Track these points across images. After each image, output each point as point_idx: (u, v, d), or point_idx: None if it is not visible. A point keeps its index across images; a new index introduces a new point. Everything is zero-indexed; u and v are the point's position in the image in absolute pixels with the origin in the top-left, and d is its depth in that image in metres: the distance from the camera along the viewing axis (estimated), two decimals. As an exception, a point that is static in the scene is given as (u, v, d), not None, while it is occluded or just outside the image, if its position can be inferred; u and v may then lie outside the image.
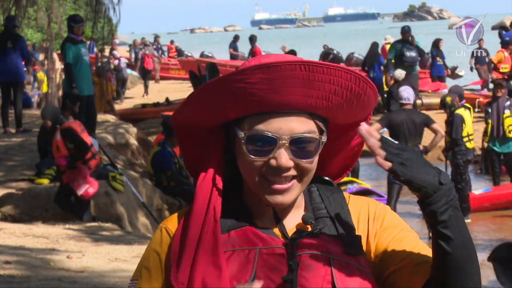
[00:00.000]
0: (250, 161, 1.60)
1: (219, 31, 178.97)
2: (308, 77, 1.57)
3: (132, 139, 14.11)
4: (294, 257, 1.57)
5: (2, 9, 16.76)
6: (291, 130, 1.59)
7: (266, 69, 1.57)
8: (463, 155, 10.80)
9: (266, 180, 1.60)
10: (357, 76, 1.61)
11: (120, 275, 6.15)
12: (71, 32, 11.38)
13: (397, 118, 9.64)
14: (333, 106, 1.61)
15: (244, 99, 1.59)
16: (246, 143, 1.60)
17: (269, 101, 1.58)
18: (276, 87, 1.57)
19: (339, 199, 1.71)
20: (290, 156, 1.58)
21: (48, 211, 8.53)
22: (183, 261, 1.58)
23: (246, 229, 1.62)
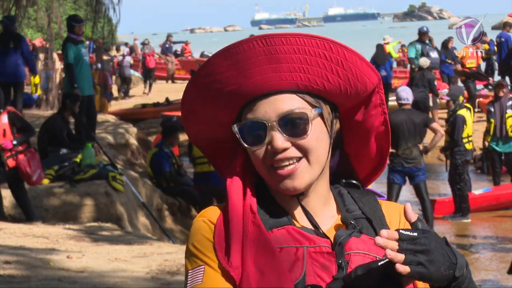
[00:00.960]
0: (251, 152, 1.58)
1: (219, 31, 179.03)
2: (269, 51, 1.53)
3: (132, 139, 14.11)
4: (342, 256, 1.56)
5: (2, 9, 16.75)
6: (276, 110, 1.55)
7: (228, 54, 1.54)
8: (462, 156, 10.80)
9: (273, 168, 1.57)
10: (324, 40, 1.56)
11: (120, 275, 6.15)
12: (72, 32, 11.37)
13: (396, 118, 9.64)
14: (315, 79, 1.56)
15: (224, 92, 1.57)
16: (241, 135, 1.58)
17: (244, 87, 1.55)
18: (243, 70, 1.54)
19: (372, 201, 1.69)
20: (284, 137, 1.55)
21: (48, 211, 8.53)
22: (232, 249, 1.55)
23: (288, 228, 1.59)
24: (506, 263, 9.18)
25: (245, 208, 1.58)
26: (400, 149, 9.69)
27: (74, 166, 9.25)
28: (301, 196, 1.62)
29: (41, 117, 14.47)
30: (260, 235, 1.55)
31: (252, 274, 1.53)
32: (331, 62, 1.56)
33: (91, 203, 8.64)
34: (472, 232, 10.75)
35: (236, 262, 1.54)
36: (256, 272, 1.52)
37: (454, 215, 11.00)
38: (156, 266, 6.42)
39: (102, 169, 9.20)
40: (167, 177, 10.65)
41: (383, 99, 1.67)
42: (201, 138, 1.71)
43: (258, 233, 1.55)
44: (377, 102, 1.66)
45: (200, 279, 1.56)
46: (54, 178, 9.00)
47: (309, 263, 1.54)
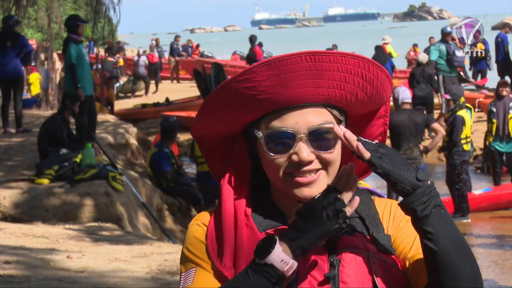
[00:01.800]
0: (272, 159, 1.60)
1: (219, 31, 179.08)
2: (315, 67, 1.57)
3: (132, 139, 14.11)
4: (335, 254, 1.58)
5: (2, 9, 16.76)
6: (307, 123, 1.59)
7: (273, 65, 1.56)
8: (460, 156, 10.81)
9: (291, 175, 1.60)
10: (365, 61, 1.61)
11: (120, 275, 6.15)
12: (74, 32, 11.38)
13: (398, 118, 9.64)
14: (346, 95, 1.61)
15: (255, 99, 1.59)
16: (266, 142, 1.60)
17: (281, 97, 1.58)
18: (285, 81, 1.57)
19: (366, 199, 1.72)
20: (311, 149, 1.58)
21: (48, 211, 8.53)
22: (225, 251, 1.58)
23: (281, 229, 1.61)
24: (506, 263, 9.19)
25: (239, 211, 1.61)
26: (402, 149, 9.69)
27: (74, 166, 9.24)
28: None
29: (41, 117, 14.48)
30: (253, 236, 1.58)
31: None
32: (364, 80, 1.61)
33: (91, 203, 8.64)
34: (472, 232, 10.75)
35: (229, 262, 1.58)
36: None
37: (454, 215, 11.00)
38: (156, 266, 6.42)
39: (102, 169, 9.20)
40: (167, 177, 10.65)
41: (387, 111, 1.73)
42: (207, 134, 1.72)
43: (251, 235, 1.58)
44: (382, 114, 1.72)
45: (191, 280, 1.61)
46: (54, 178, 9.00)
47: (301, 262, 1.55)
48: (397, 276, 1.61)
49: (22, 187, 8.86)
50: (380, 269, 1.59)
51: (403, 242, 1.66)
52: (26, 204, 8.57)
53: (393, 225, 1.68)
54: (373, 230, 1.65)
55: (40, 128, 10.44)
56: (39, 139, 10.18)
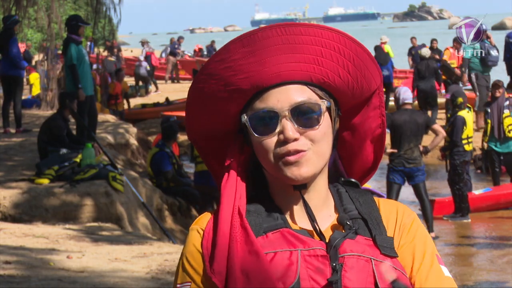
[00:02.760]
0: (259, 141, 1.57)
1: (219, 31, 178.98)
2: (287, 40, 1.53)
3: (132, 139, 14.11)
4: (337, 259, 1.55)
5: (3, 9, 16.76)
6: (289, 100, 1.55)
7: (245, 40, 1.54)
8: (460, 156, 10.81)
9: (281, 158, 1.56)
10: (341, 34, 1.56)
11: (120, 275, 6.15)
12: (74, 33, 11.39)
13: (399, 118, 9.64)
14: (327, 72, 1.56)
15: (234, 80, 1.56)
16: (251, 125, 1.58)
17: (259, 76, 1.55)
18: (260, 58, 1.54)
19: (369, 200, 1.68)
20: (295, 127, 1.55)
21: (48, 211, 8.53)
22: (216, 255, 1.55)
23: (282, 231, 1.58)
24: (506, 262, 9.18)
25: (233, 212, 1.58)
26: (402, 149, 9.68)
27: (74, 166, 9.24)
28: (303, 190, 1.61)
29: (41, 117, 14.47)
30: (247, 238, 1.55)
31: (238, 278, 1.53)
32: (343, 56, 1.57)
33: (91, 203, 8.64)
34: (472, 232, 10.75)
35: (219, 267, 1.55)
36: (242, 277, 1.53)
37: (454, 215, 11.01)
38: (156, 266, 6.42)
39: (102, 169, 9.20)
40: (168, 177, 10.64)
41: (382, 101, 1.68)
42: (200, 131, 1.69)
43: (245, 236, 1.55)
44: (377, 104, 1.67)
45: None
46: (54, 178, 9.00)
47: (303, 267, 1.54)
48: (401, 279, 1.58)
49: (22, 187, 8.86)
50: (382, 273, 1.57)
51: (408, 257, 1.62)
52: (26, 204, 8.57)
53: (399, 232, 1.65)
54: (376, 232, 1.61)
55: (40, 128, 10.44)
56: (39, 139, 10.18)
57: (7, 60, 12.76)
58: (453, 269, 9.10)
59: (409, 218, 1.67)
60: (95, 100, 12.64)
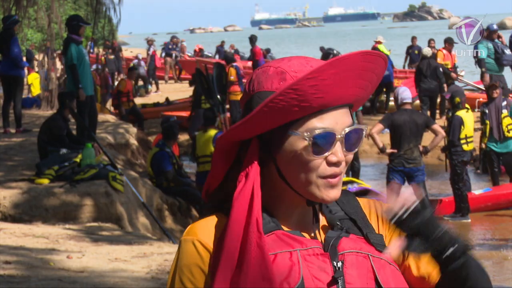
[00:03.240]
0: (309, 160, 1.57)
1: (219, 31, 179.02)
2: (362, 67, 1.58)
3: (132, 139, 14.11)
4: (337, 256, 1.58)
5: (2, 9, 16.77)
6: (344, 123, 1.59)
7: (336, 63, 1.55)
8: (459, 156, 10.82)
9: (322, 177, 1.58)
10: (382, 58, 1.61)
11: (120, 275, 6.15)
12: (75, 33, 11.40)
13: (399, 118, 9.64)
14: (365, 98, 1.64)
15: (311, 98, 1.55)
16: (311, 143, 1.57)
17: (330, 96, 1.56)
18: (340, 81, 1.55)
19: (352, 200, 1.71)
20: (343, 150, 1.59)
21: (48, 211, 8.54)
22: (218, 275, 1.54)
23: (276, 233, 1.59)
24: (506, 263, 9.19)
25: (252, 228, 1.55)
26: (402, 149, 9.69)
27: (74, 166, 9.25)
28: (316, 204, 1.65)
29: (41, 117, 14.47)
30: (262, 260, 1.53)
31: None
32: (377, 76, 1.63)
33: (91, 203, 8.64)
34: (472, 232, 10.75)
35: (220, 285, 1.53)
36: None
37: (454, 215, 11.01)
38: (156, 266, 6.43)
39: (102, 169, 9.20)
40: (168, 177, 10.65)
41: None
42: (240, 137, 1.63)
43: (260, 258, 1.53)
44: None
45: None
46: (54, 178, 9.00)
47: (305, 266, 1.55)
48: (396, 273, 1.62)
49: (22, 187, 8.86)
50: (381, 268, 1.60)
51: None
52: (26, 204, 8.58)
53: (383, 227, 1.69)
54: (366, 230, 1.65)
55: (40, 128, 10.44)
56: (39, 139, 10.18)
57: (8, 60, 12.77)
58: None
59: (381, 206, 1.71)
60: (95, 100, 12.65)
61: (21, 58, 13.17)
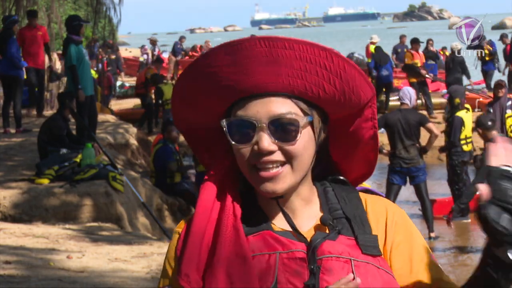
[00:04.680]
0: (237, 149, 1.57)
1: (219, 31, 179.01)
2: (271, 53, 1.53)
3: (132, 139, 14.11)
4: (315, 261, 1.54)
5: (2, 9, 16.77)
6: (268, 112, 1.55)
7: (229, 49, 1.54)
8: (459, 156, 10.81)
9: (256, 169, 1.56)
10: (327, 51, 1.55)
11: (120, 275, 6.15)
12: (76, 33, 11.41)
13: (392, 118, 9.69)
14: (311, 87, 1.55)
15: (219, 84, 1.57)
16: (229, 131, 1.57)
17: (243, 84, 1.55)
18: (244, 68, 1.54)
19: (354, 199, 1.67)
20: (272, 139, 1.54)
21: (48, 211, 8.53)
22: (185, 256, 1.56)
23: (264, 233, 1.58)
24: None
25: (227, 211, 1.57)
26: (397, 149, 9.72)
27: (74, 166, 9.24)
28: (281, 199, 1.61)
29: (41, 117, 14.47)
30: (237, 239, 1.54)
31: (221, 281, 1.52)
32: (330, 72, 1.56)
33: (91, 203, 8.64)
34: (472, 232, 10.75)
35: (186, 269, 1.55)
36: (226, 279, 1.52)
37: (455, 215, 11.00)
38: (156, 266, 6.43)
39: (102, 169, 9.20)
40: (172, 168, 10.70)
41: (375, 113, 1.68)
42: (189, 126, 1.70)
43: (235, 238, 1.55)
44: (369, 116, 1.67)
45: None
46: (54, 178, 9.00)
47: (281, 270, 1.53)
48: (383, 278, 1.57)
49: (22, 187, 8.86)
50: (363, 273, 1.55)
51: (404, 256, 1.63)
52: (26, 204, 8.58)
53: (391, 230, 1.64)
54: (358, 232, 1.60)
55: (40, 128, 10.44)
56: (39, 139, 10.18)
57: (7, 60, 12.77)
58: (453, 269, 9.11)
59: (400, 216, 1.67)
60: (95, 100, 12.65)
61: (19, 58, 13.17)
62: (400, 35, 24.79)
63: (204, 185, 1.61)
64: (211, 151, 1.69)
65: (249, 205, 1.63)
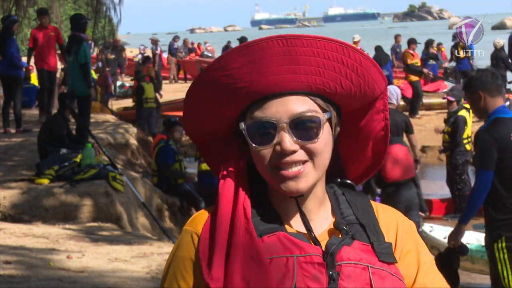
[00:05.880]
0: (257, 151, 1.56)
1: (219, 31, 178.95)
2: (289, 52, 1.52)
3: (132, 139, 14.11)
4: (334, 267, 1.53)
5: (2, 9, 16.77)
6: (288, 111, 1.54)
7: (245, 50, 1.53)
8: (462, 156, 10.80)
9: (278, 169, 1.54)
10: (344, 46, 1.55)
11: (120, 275, 6.15)
12: (83, 31, 11.49)
13: None
14: (329, 82, 1.55)
15: (234, 88, 1.55)
16: (248, 134, 1.56)
17: (258, 85, 1.54)
18: (260, 68, 1.52)
19: (365, 204, 1.66)
20: (294, 139, 1.53)
21: (48, 211, 8.53)
22: (215, 260, 1.52)
23: (278, 234, 1.56)
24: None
25: (238, 213, 1.55)
26: None
27: (74, 166, 9.24)
28: (299, 198, 1.60)
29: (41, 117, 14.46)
30: (251, 243, 1.52)
31: (238, 285, 1.50)
32: (346, 67, 1.56)
33: (91, 203, 8.63)
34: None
35: (217, 273, 1.52)
36: (243, 283, 1.50)
37: (454, 215, 11.00)
38: (156, 266, 6.42)
39: (102, 169, 9.20)
40: (172, 170, 10.69)
41: (386, 105, 1.68)
42: (199, 132, 1.68)
43: (249, 241, 1.53)
44: (381, 108, 1.67)
45: None
46: (54, 178, 9.00)
47: (299, 274, 1.52)
48: (399, 285, 1.57)
49: (22, 187, 8.86)
50: (380, 280, 1.55)
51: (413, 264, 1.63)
52: (26, 204, 8.57)
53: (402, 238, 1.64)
54: (374, 238, 1.59)
55: (40, 128, 10.44)
56: (39, 139, 10.18)
57: (7, 60, 12.76)
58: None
59: (410, 227, 1.67)
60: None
61: (18, 58, 13.15)
62: (395, 35, 24.86)
63: (221, 186, 1.59)
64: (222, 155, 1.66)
65: (262, 205, 1.61)
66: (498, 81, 5.37)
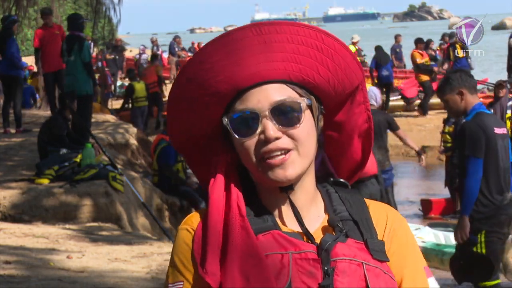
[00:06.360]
0: (241, 143, 1.56)
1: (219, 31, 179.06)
2: (263, 40, 1.53)
3: (132, 139, 14.10)
4: (329, 262, 1.54)
5: (2, 9, 16.78)
6: (269, 99, 1.54)
7: (221, 41, 1.54)
8: (465, 156, 10.78)
9: (263, 159, 1.55)
10: (317, 31, 1.55)
11: (120, 275, 6.15)
12: (81, 31, 11.50)
13: None
14: (306, 69, 1.55)
15: (214, 83, 1.55)
16: (232, 127, 1.56)
17: (236, 76, 1.54)
18: (237, 59, 1.53)
19: (359, 202, 1.66)
20: (277, 126, 1.54)
21: (48, 211, 8.54)
22: (208, 256, 1.53)
23: (273, 233, 1.57)
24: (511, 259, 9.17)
25: (233, 211, 1.56)
26: None
27: (74, 166, 9.24)
28: (289, 191, 1.59)
29: (41, 117, 14.47)
30: (248, 239, 1.53)
31: (237, 280, 1.51)
32: (322, 53, 1.56)
33: (91, 203, 8.64)
34: (472, 232, 10.73)
35: (212, 268, 1.52)
36: (242, 279, 1.50)
37: (454, 215, 11.01)
38: (156, 266, 6.43)
39: (102, 169, 9.20)
40: (173, 171, 10.69)
41: (366, 96, 1.67)
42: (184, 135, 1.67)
43: (245, 238, 1.53)
44: (361, 100, 1.67)
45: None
46: (54, 178, 9.00)
47: (294, 270, 1.52)
48: (390, 284, 1.57)
49: (22, 187, 8.86)
50: (374, 277, 1.55)
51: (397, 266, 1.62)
52: (26, 204, 8.58)
53: (388, 237, 1.63)
54: (367, 235, 1.60)
55: (40, 128, 10.44)
56: (39, 139, 10.18)
57: (7, 60, 12.76)
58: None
59: (399, 224, 1.66)
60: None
61: (18, 58, 13.14)
62: (395, 35, 24.85)
63: (212, 185, 1.59)
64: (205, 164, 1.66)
65: (252, 203, 1.61)
66: (474, 79, 5.59)
